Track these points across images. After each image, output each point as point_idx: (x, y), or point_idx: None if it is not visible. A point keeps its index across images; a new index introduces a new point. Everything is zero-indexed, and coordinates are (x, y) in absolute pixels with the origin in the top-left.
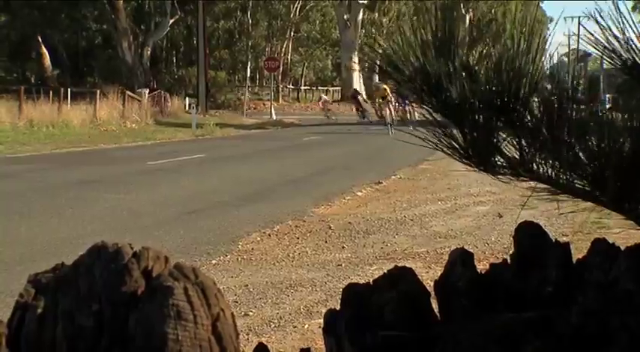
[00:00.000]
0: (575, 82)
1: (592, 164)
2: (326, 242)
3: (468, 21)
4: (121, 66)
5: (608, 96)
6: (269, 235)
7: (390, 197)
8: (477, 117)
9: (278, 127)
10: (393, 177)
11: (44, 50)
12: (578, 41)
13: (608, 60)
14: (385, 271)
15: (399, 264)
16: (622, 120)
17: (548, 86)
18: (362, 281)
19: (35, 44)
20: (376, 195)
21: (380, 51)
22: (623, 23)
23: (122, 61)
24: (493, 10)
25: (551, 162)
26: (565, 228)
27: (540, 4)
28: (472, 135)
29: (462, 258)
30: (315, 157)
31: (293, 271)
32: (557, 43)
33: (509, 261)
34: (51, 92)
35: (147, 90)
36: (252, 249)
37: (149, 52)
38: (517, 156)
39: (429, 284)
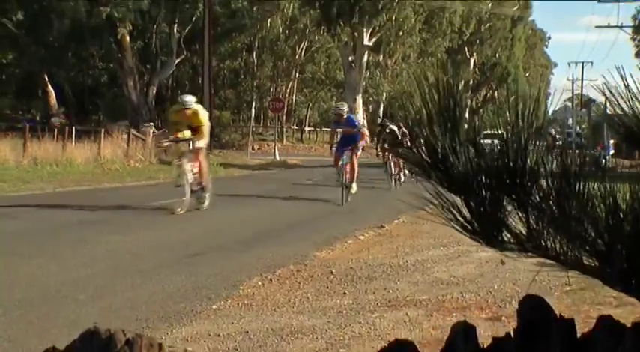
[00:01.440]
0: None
1: (599, 239)
2: (327, 287)
3: (472, 64)
4: (126, 104)
5: (611, 142)
6: (270, 280)
7: (393, 241)
8: (483, 192)
9: (281, 168)
10: (396, 221)
11: (50, 88)
12: (582, 87)
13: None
14: (385, 345)
15: (400, 312)
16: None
17: (552, 131)
18: (363, 329)
19: (41, 82)
20: (378, 240)
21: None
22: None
23: (127, 100)
24: (497, 54)
25: (559, 237)
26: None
27: (545, 49)
28: (478, 210)
29: (464, 331)
30: (317, 200)
31: (294, 317)
32: (562, 86)
33: (512, 333)
34: (56, 130)
35: (151, 129)
36: (253, 293)
37: (154, 91)
38: (524, 232)
39: (431, 333)
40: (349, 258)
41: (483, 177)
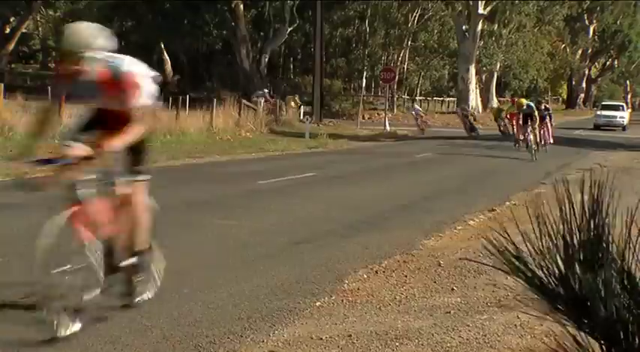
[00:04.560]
0: None
1: None
2: (435, 282)
3: (591, 32)
4: (239, 72)
5: None
6: (376, 272)
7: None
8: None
9: (391, 139)
10: (507, 203)
11: (166, 56)
12: None
13: None
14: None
15: (511, 314)
16: None
17: None
18: (471, 334)
19: (157, 49)
20: (489, 225)
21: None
22: None
23: (240, 68)
24: (618, 21)
25: None
26: None
27: None
28: None
29: None
30: (425, 178)
31: (399, 318)
32: None
33: None
34: (170, 99)
35: (262, 100)
36: (358, 288)
37: (267, 59)
38: None
39: (543, 341)
40: (458, 246)
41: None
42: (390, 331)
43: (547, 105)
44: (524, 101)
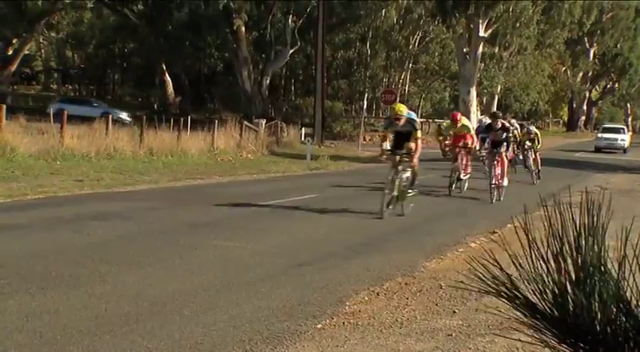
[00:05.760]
0: None
1: None
2: (436, 304)
3: (592, 55)
4: (241, 94)
5: None
6: (377, 294)
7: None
8: None
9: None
10: (509, 225)
11: (167, 77)
12: None
13: None
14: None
15: (514, 338)
16: None
17: None
18: None
19: (159, 71)
20: (491, 247)
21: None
22: None
23: (241, 89)
24: (619, 45)
25: None
26: None
27: None
28: None
29: None
30: (426, 200)
31: (400, 341)
32: None
33: None
34: (172, 120)
35: (264, 121)
36: (360, 310)
37: (268, 81)
38: None
39: None
40: (460, 268)
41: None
42: None
43: (530, 128)
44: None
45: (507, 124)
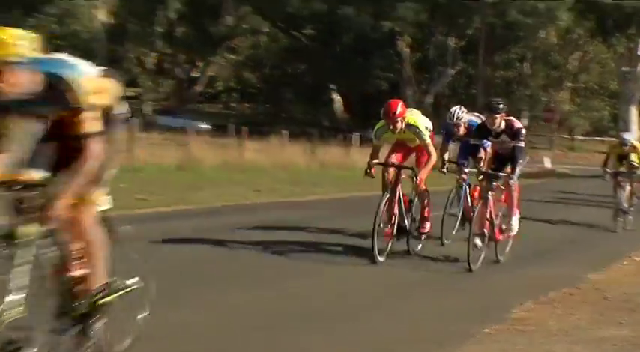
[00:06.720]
0: None
1: None
2: (601, 315)
3: None
4: None
5: None
6: (542, 303)
7: None
8: None
9: (550, 178)
10: None
11: (335, 95)
12: None
13: None
14: None
15: None
16: None
17: None
18: None
19: (327, 90)
20: None
21: None
22: None
23: None
24: None
25: None
26: None
27: None
28: None
29: None
30: (591, 214)
31: (567, 347)
32: None
33: None
34: (341, 136)
35: None
36: (525, 317)
37: (431, 100)
38: None
39: None
40: (624, 281)
41: None
42: None
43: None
44: None
45: (516, 123)
